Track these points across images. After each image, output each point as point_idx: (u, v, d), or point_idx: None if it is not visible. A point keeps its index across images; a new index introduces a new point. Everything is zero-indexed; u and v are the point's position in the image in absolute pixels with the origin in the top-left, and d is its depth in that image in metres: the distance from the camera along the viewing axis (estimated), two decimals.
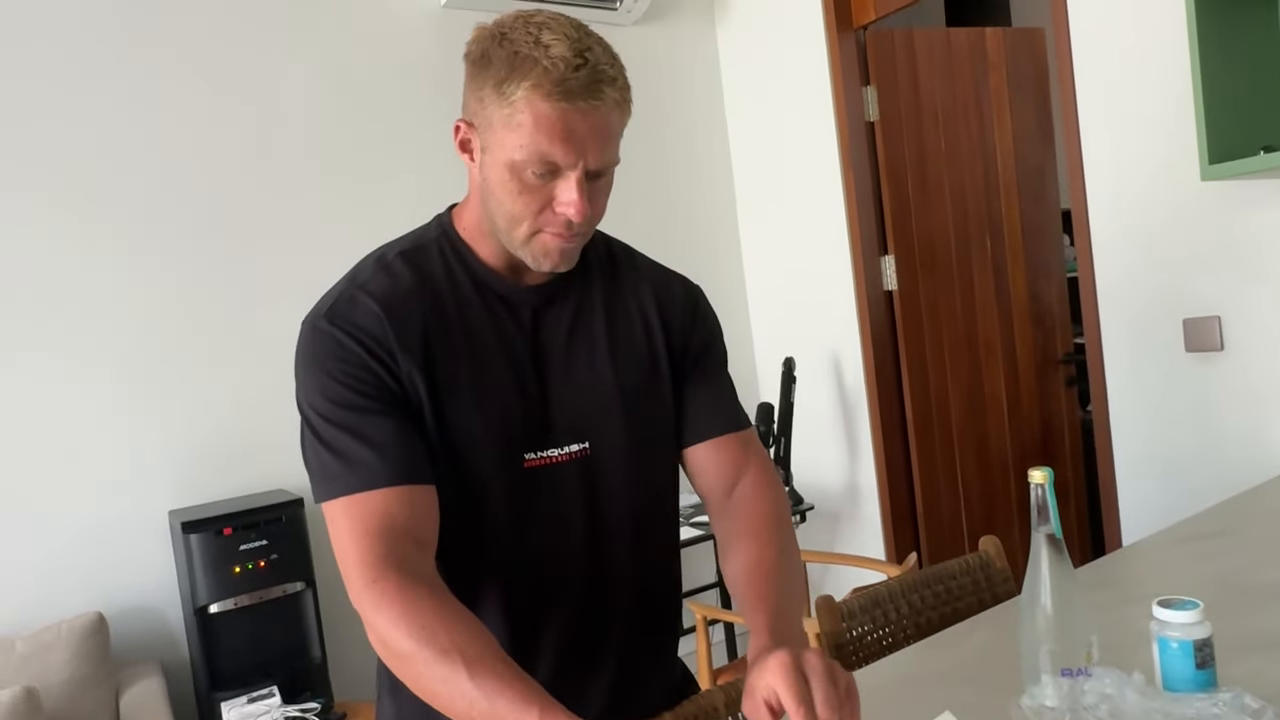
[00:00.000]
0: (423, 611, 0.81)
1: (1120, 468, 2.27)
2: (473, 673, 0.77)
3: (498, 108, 0.87)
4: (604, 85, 0.87)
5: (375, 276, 0.95)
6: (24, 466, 2.18)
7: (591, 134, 0.87)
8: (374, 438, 0.88)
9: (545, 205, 0.90)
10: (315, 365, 0.92)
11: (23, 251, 2.20)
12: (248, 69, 2.49)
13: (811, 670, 0.75)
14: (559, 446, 0.98)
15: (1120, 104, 2.16)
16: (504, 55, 0.86)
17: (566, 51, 0.84)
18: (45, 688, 1.95)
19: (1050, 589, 0.97)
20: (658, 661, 1.12)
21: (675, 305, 1.08)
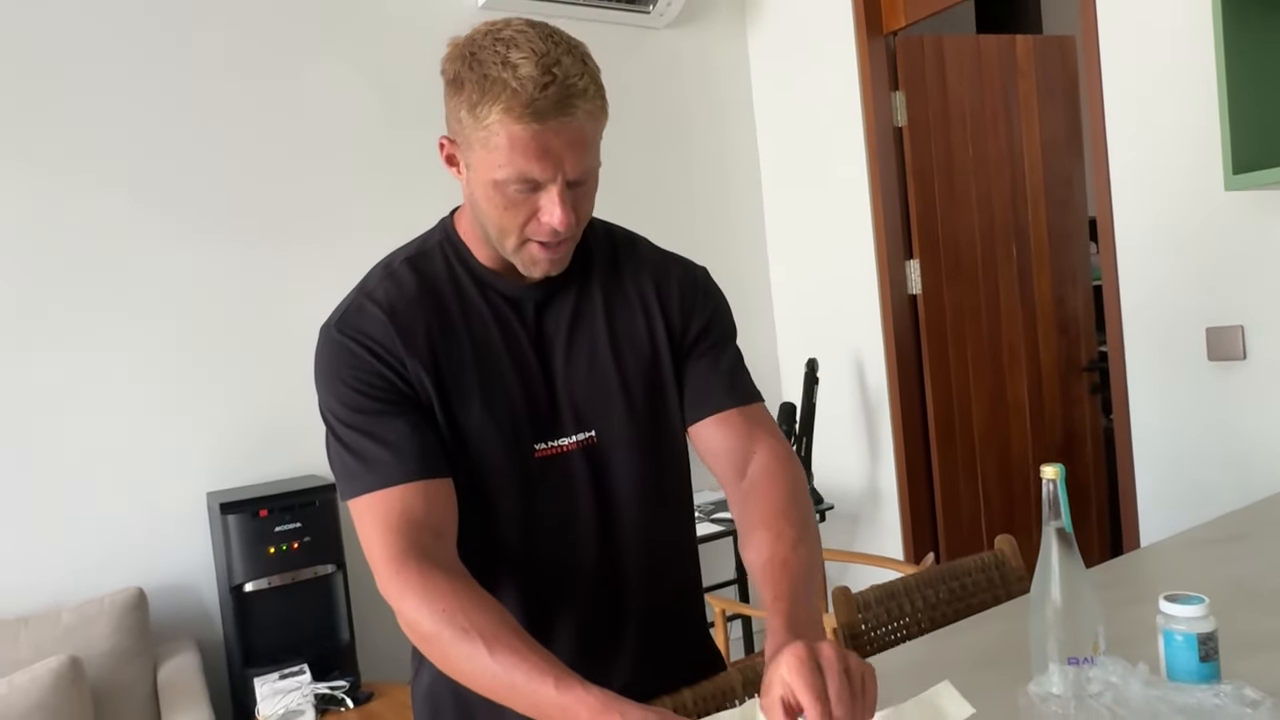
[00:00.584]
0: (443, 596, 0.86)
1: (1140, 473, 2.29)
2: (491, 649, 0.82)
3: (474, 130, 0.89)
4: (574, 99, 0.88)
5: (381, 284, 1.01)
6: (73, 449, 2.26)
7: (567, 147, 0.90)
8: (389, 438, 0.93)
9: (530, 217, 0.93)
10: (331, 374, 0.97)
11: (83, 245, 2.28)
12: (288, 68, 2.57)
13: (826, 663, 0.76)
14: (567, 436, 1.03)
15: (1147, 113, 2.18)
16: (475, 78, 0.88)
17: (534, 70, 0.86)
18: (88, 658, 2.03)
19: (1059, 581, 1.00)
20: (680, 637, 1.17)
21: (674, 289, 1.11)
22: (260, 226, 2.52)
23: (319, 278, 2.55)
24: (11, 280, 2.21)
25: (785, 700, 0.76)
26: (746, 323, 3.42)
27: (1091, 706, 0.92)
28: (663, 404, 1.10)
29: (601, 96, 0.93)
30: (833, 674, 0.75)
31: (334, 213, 2.62)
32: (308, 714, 2.11)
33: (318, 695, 2.16)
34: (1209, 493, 2.12)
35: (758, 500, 1.03)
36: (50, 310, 2.25)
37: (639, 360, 1.08)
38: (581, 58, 0.91)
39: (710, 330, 1.13)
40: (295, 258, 2.55)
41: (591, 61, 0.93)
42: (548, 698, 0.79)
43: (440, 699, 1.07)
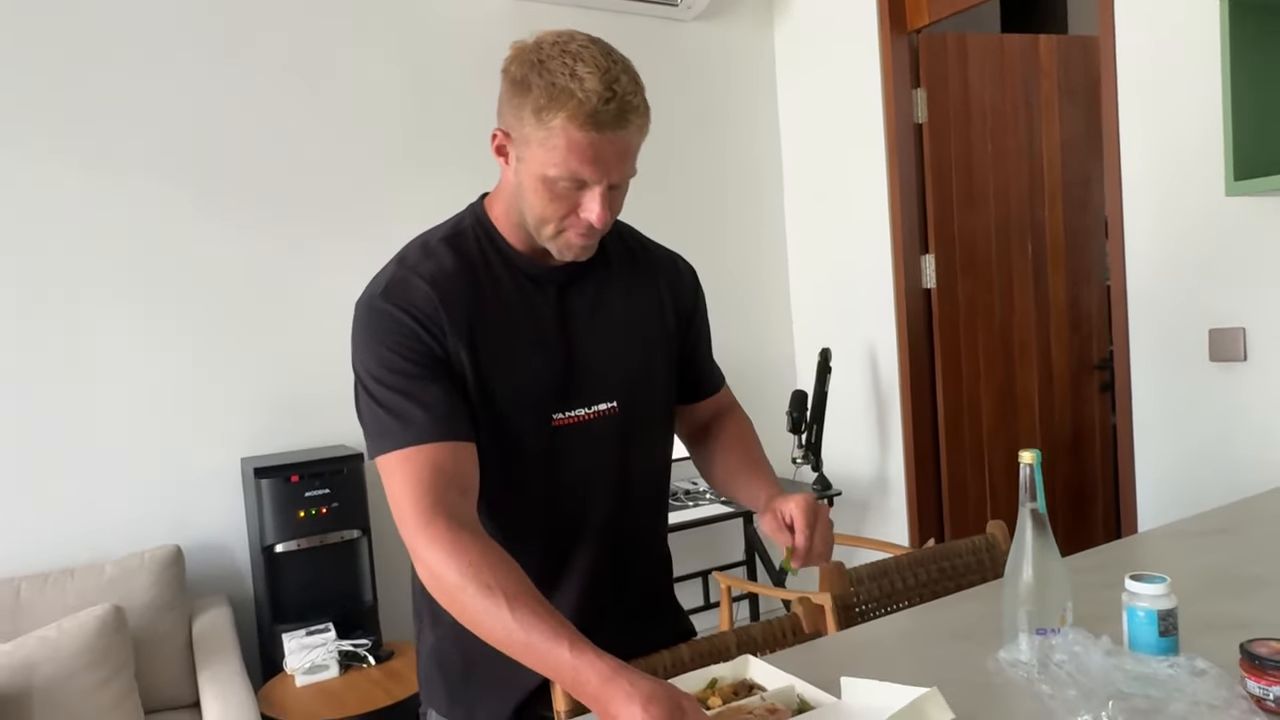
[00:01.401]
0: (469, 551, 0.93)
1: (1140, 469, 2.35)
2: (512, 607, 0.89)
3: (535, 129, 0.99)
4: (630, 115, 1.00)
5: (423, 260, 1.09)
6: (118, 414, 2.39)
7: (616, 155, 1.01)
8: (424, 400, 1.01)
9: (571, 210, 1.04)
10: (372, 338, 1.04)
11: (133, 225, 2.40)
12: (323, 57, 2.66)
13: (821, 515, 1.11)
14: (586, 406, 1.13)
15: (1159, 115, 2.22)
16: (543, 85, 0.98)
17: (598, 85, 0.97)
18: (129, 608, 2.16)
19: (1032, 557, 1.09)
20: (661, 598, 1.30)
21: (682, 282, 1.28)
22: (296, 206, 2.62)
23: (350, 255, 2.65)
24: (70, 256, 2.33)
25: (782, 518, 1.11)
26: (763, 311, 3.53)
27: (1054, 672, 1.00)
28: (669, 380, 1.24)
29: (649, 113, 1.05)
30: (823, 523, 1.11)
31: (366, 193, 2.72)
32: (331, 669, 2.24)
33: (341, 652, 2.28)
34: (1206, 490, 2.18)
35: (725, 431, 1.30)
36: (102, 286, 2.37)
37: (653, 340, 1.21)
38: (634, 77, 1.03)
39: (703, 321, 1.31)
40: (328, 236, 2.66)
41: (639, 78, 1.04)
42: (561, 659, 0.86)
43: (447, 656, 1.18)
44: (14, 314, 2.28)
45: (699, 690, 1.01)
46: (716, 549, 3.28)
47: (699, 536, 3.10)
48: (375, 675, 2.25)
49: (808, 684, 0.98)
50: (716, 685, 1.02)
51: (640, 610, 1.23)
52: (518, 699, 1.14)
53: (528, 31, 1.09)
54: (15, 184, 2.28)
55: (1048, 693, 0.97)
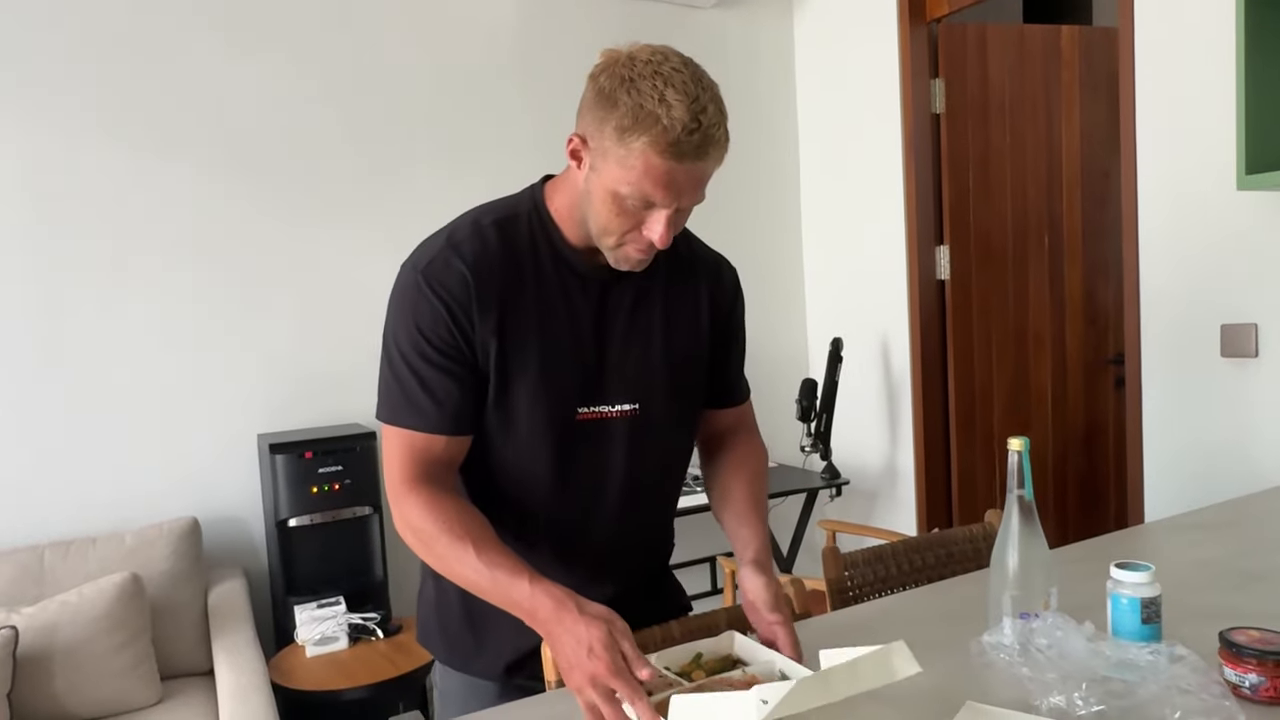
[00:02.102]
0: (446, 508, 1.05)
1: (1149, 463, 2.34)
2: (479, 551, 1.01)
3: (615, 146, 0.99)
4: (711, 147, 1.00)
5: (469, 240, 1.10)
6: (140, 390, 2.45)
7: (690, 184, 1.02)
8: (436, 392, 1.06)
9: (635, 226, 1.04)
10: (405, 313, 1.08)
11: (158, 207, 2.46)
12: (342, 36, 2.70)
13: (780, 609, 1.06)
14: (610, 405, 1.15)
15: (1176, 109, 2.20)
16: (630, 104, 0.97)
17: (685, 115, 0.96)
18: (147, 577, 2.23)
19: (1018, 543, 1.10)
20: (661, 577, 1.34)
21: (724, 287, 1.27)
22: (315, 187, 2.66)
23: (367, 237, 2.70)
24: (96, 236, 2.39)
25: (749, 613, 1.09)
26: (777, 300, 3.54)
27: (1035, 656, 1.02)
28: (698, 386, 1.25)
29: (728, 143, 1.04)
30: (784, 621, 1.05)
31: (384, 176, 2.75)
32: (341, 641, 2.29)
33: (351, 625, 2.33)
34: (1214, 485, 2.17)
35: (733, 456, 1.28)
36: (127, 264, 2.43)
37: (687, 346, 1.21)
38: (720, 106, 1.02)
39: (738, 325, 1.30)
40: (346, 217, 2.70)
41: (724, 107, 1.04)
42: (521, 590, 0.98)
43: (447, 609, 1.23)
44: (42, 291, 2.34)
45: (684, 664, 1.03)
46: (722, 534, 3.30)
47: (707, 522, 3.12)
48: (383, 648, 2.30)
49: (789, 660, 1.01)
50: (701, 660, 1.04)
51: (638, 588, 1.26)
52: (509, 659, 1.19)
53: (545, 16, 1.10)
54: (44, 164, 2.34)
55: (1027, 675, 0.98)
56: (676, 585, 1.37)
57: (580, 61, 2.62)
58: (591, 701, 0.90)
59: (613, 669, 0.89)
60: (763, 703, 0.81)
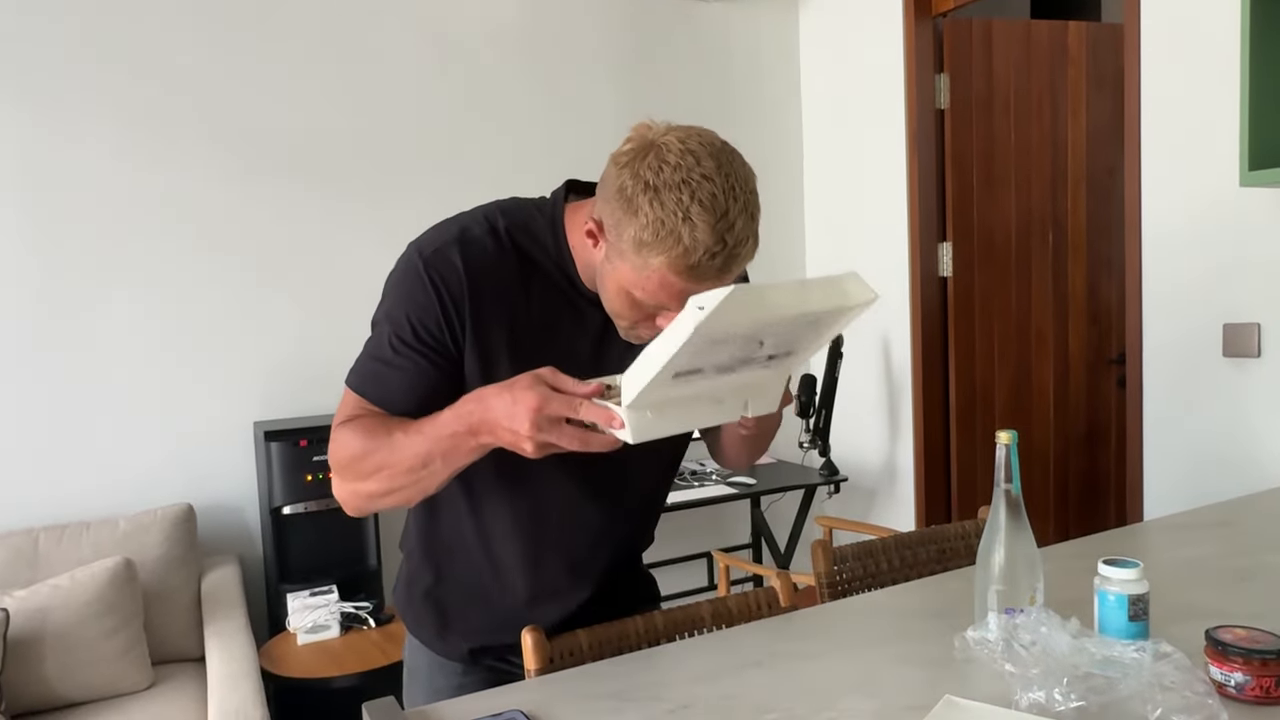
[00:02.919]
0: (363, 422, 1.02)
1: (1149, 463, 2.32)
2: (404, 430, 0.98)
3: (632, 254, 0.92)
4: (734, 264, 0.92)
5: (479, 240, 1.05)
6: (138, 375, 2.46)
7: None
8: (410, 374, 1.03)
9: (648, 318, 0.99)
10: (400, 293, 1.06)
11: (154, 190, 2.46)
12: (347, 27, 2.69)
13: None
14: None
15: (1180, 106, 2.18)
16: (651, 216, 0.89)
17: (709, 237, 0.88)
18: (141, 562, 2.23)
19: (1004, 538, 1.09)
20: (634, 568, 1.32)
21: None
22: (316, 175, 2.66)
23: (367, 227, 2.69)
24: (94, 221, 2.39)
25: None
26: None
27: (1019, 652, 1.00)
28: None
29: (757, 247, 0.95)
30: None
31: (383, 168, 2.75)
32: (333, 629, 2.29)
33: (343, 613, 2.33)
34: (1215, 485, 2.14)
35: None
36: (125, 250, 2.43)
37: None
38: (752, 213, 0.94)
39: None
40: (347, 207, 2.69)
41: (758, 208, 0.96)
42: (443, 419, 0.96)
43: (415, 582, 1.23)
44: (40, 275, 2.34)
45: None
46: (723, 531, 3.29)
47: (704, 517, 3.12)
48: (374, 637, 2.30)
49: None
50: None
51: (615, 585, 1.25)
52: (476, 643, 1.18)
53: (551, 12, 1.07)
54: (43, 150, 2.34)
55: (1010, 671, 0.97)
56: (647, 575, 1.35)
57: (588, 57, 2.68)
58: (544, 440, 0.89)
59: (544, 397, 0.88)
60: (699, 309, 0.77)
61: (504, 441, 0.93)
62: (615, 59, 2.99)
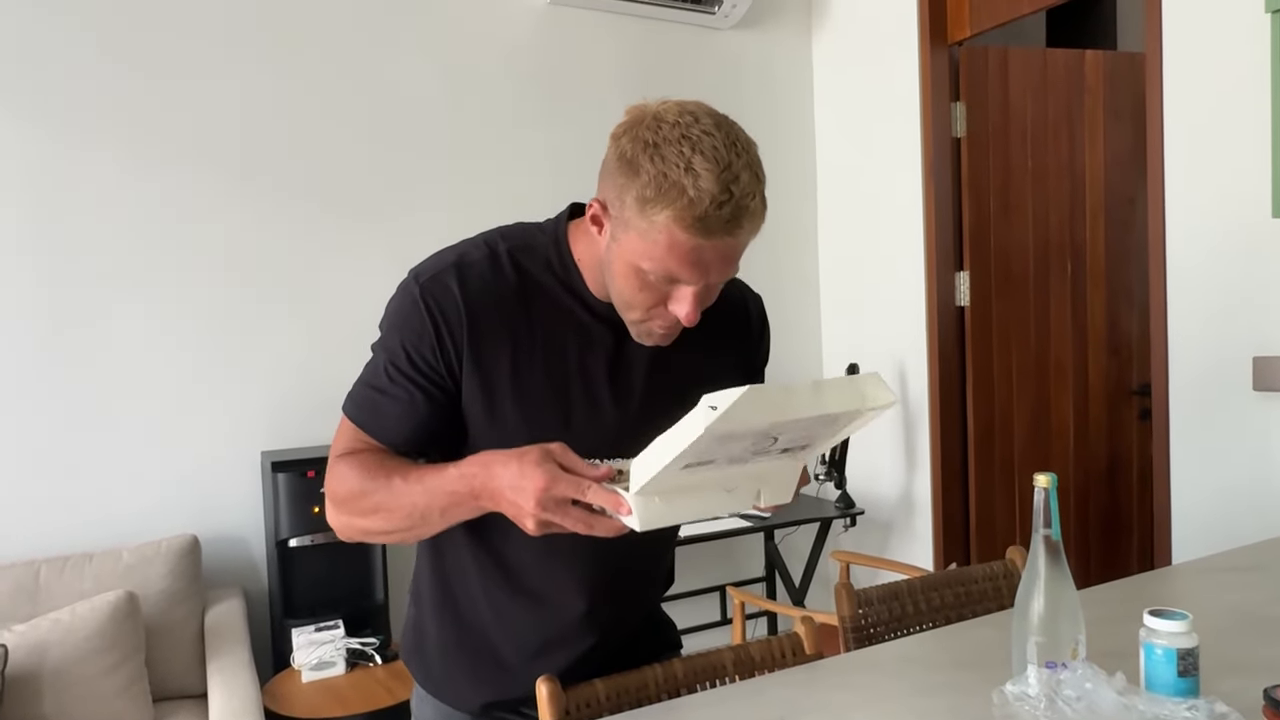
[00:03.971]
0: (363, 459, 1.01)
1: (1176, 500, 2.25)
2: (404, 477, 0.96)
3: (637, 218, 0.90)
4: (743, 219, 0.89)
5: (477, 264, 1.02)
6: (143, 403, 2.42)
7: (720, 260, 0.92)
8: (404, 404, 1.01)
9: (659, 302, 0.96)
10: (397, 320, 1.03)
11: (161, 216, 2.44)
12: (360, 51, 2.69)
13: None
14: (612, 458, 1.03)
15: (1206, 136, 2.14)
16: (653, 173, 0.88)
17: (714, 185, 0.86)
18: (144, 596, 2.18)
19: (1044, 586, 1.03)
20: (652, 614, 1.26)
21: (751, 324, 1.20)
22: (323, 201, 2.64)
23: (375, 253, 2.66)
24: (98, 248, 2.37)
25: None
26: (792, 324, 3.48)
27: (1062, 709, 0.95)
28: None
29: (765, 209, 0.93)
30: None
31: (394, 193, 2.73)
32: (338, 665, 2.23)
33: (349, 649, 2.27)
34: (1246, 524, 2.08)
35: None
36: (130, 277, 2.40)
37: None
38: (756, 172, 0.92)
39: (764, 358, 1.24)
40: (358, 233, 2.67)
41: (762, 170, 0.94)
42: (448, 475, 0.93)
43: (424, 633, 1.18)
44: (44, 303, 2.32)
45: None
46: (735, 564, 3.23)
47: (717, 550, 3.06)
48: (380, 675, 2.24)
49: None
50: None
51: (631, 631, 1.20)
52: (488, 697, 1.13)
53: (563, 36, 1.05)
54: (49, 176, 2.32)
55: None
56: (667, 620, 1.30)
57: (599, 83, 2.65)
58: (548, 519, 0.86)
59: (552, 477, 0.85)
60: (711, 409, 0.76)
61: (505, 512, 0.90)
62: (628, 86, 2.98)
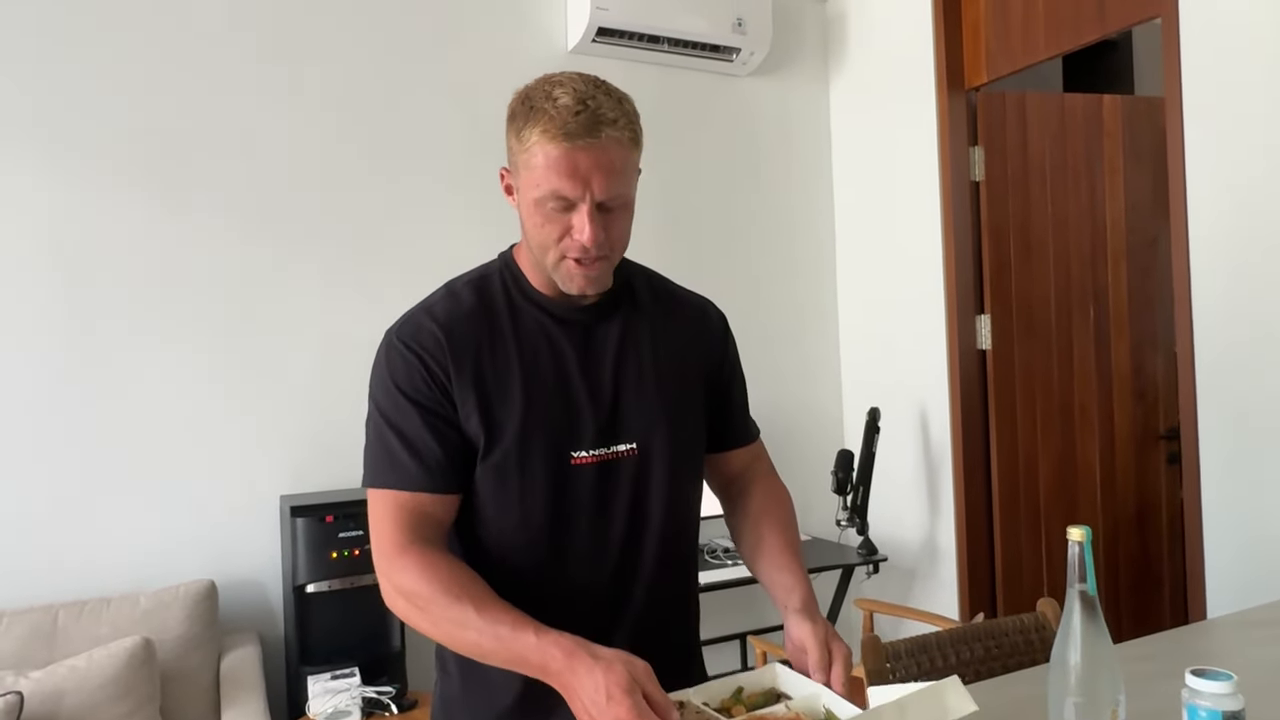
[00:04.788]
0: (440, 569, 1.00)
1: (1210, 550, 2.20)
2: (479, 609, 0.96)
3: (519, 153, 1.03)
4: (603, 126, 1.00)
5: (441, 301, 1.12)
6: (163, 447, 2.43)
7: (595, 168, 1.01)
8: (417, 448, 1.05)
9: (564, 233, 1.04)
10: (385, 373, 1.10)
11: (177, 257, 2.47)
12: (382, 96, 2.73)
13: (837, 654, 1.02)
14: (605, 446, 1.11)
15: (1231, 178, 2.13)
16: (524, 110, 1.02)
17: (570, 101, 0.99)
18: (160, 642, 2.16)
19: (1080, 644, 1.00)
20: (688, 650, 1.23)
21: (711, 328, 1.25)
22: (343, 245, 2.66)
23: (395, 296, 2.65)
24: (116, 290, 2.39)
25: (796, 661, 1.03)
26: (811, 367, 3.47)
27: None
28: (698, 427, 1.20)
29: (632, 130, 1.04)
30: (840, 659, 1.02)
31: (412, 234, 2.75)
32: (354, 715, 2.20)
33: (365, 698, 2.24)
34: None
35: (759, 501, 1.24)
36: (148, 320, 2.42)
37: (681, 386, 1.18)
38: (619, 100, 1.04)
39: (734, 364, 1.27)
40: (375, 276, 2.69)
41: (630, 105, 1.06)
42: (527, 643, 0.92)
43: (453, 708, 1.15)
44: (62, 345, 2.33)
45: (724, 700, 0.97)
46: (754, 611, 3.17)
47: (735, 597, 3.01)
48: None
49: (835, 695, 0.93)
50: (742, 695, 0.97)
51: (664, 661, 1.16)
52: None
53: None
54: (69, 216, 2.35)
55: None
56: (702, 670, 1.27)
57: None
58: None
59: (636, 712, 0.83)
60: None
61: (573, 708, 0.90)
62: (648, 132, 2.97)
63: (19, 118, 2.30)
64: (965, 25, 2.94)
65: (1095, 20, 2.57)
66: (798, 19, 3.38)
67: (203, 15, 2.50)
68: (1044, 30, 2.71)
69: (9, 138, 2.29)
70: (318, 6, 2.65)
